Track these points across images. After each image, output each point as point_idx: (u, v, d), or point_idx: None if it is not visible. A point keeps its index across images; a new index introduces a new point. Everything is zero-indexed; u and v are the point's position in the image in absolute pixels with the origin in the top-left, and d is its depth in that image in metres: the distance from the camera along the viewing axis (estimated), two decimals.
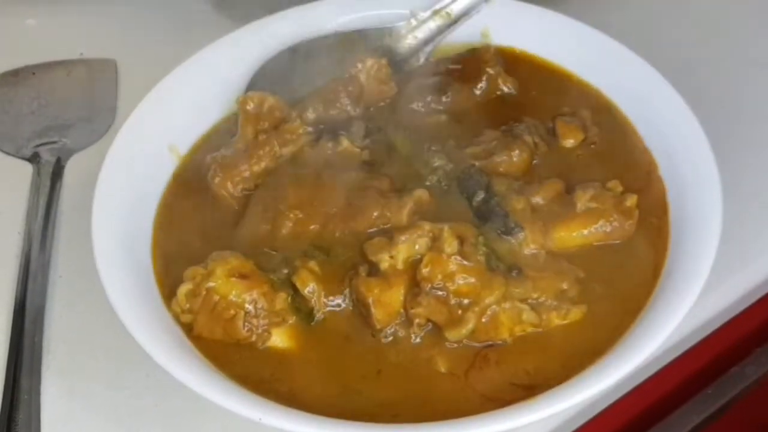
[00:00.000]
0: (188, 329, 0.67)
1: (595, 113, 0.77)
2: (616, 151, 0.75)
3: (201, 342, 0.66)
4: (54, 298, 0.74)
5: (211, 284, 0.66)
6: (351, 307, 0.67)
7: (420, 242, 0.67)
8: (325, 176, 0.72)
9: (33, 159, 0.83)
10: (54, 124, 0.86)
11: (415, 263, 0.66)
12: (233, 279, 0.66)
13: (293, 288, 0.67)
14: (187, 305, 0.67)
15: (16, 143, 0.84)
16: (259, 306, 0.66)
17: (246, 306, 0.66)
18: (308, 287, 0.67)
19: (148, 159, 0.75)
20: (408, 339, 0.66)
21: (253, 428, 0.61)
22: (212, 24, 0.91)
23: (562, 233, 0.69)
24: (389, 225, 0.69)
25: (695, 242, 0.67)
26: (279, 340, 0.67)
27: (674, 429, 0.70)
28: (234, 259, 0.67)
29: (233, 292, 0.66)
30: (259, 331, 0.66)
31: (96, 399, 0.69)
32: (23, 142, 0.84)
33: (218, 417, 0.64)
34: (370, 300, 0.65)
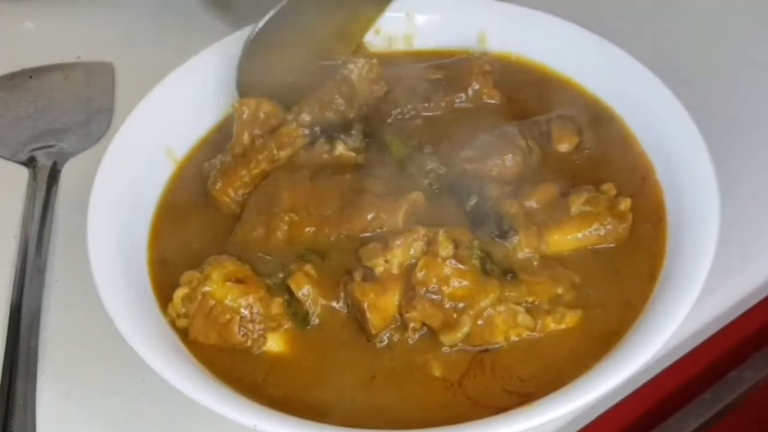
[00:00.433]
0: (184, 334, 0.67)
1: (591, 116, 0.77)
2: (612, 155, 0.75)
3: (196, 347, 0.66)
4: (50, 302, 0.74)
5: (207, 289, 0.66)
6: (346, 312, 0.67)
7: (415, 246, 0.66)
8: (320, 179, 0.72)
9: (29, 163, 0.83)
10: (50, 128, 0.86)
11: (411, 267, 0.66)
12: (229, 283, 0.66)
13: (289, 292, 0.67)
14: (183, 309, 0.67)
15: (13, 147, 0.84)
16: (255, 311, 0.66)
17: (242, 311, 0.66)
18: (303, 290, 0.67)
19: (145, 163, 0.75)
20: (403, 344, 0.66)
21: None
22: (209, 27, 0.91)
23: (557, 237, 0.69)
24: (384, 228, 0.69)
25: (693, 246, 0.67)
26: (274, 345, 0.67)
27: None
28: (230, 264, 0.67)
29: (229, 297, 0.66)
30: (255, 336, 0.66)
31: (92, 403, 0.69)
32: (19, 146, 0.84)
33: (214, 422, 0.64)
34: (366, 305, 0.65)
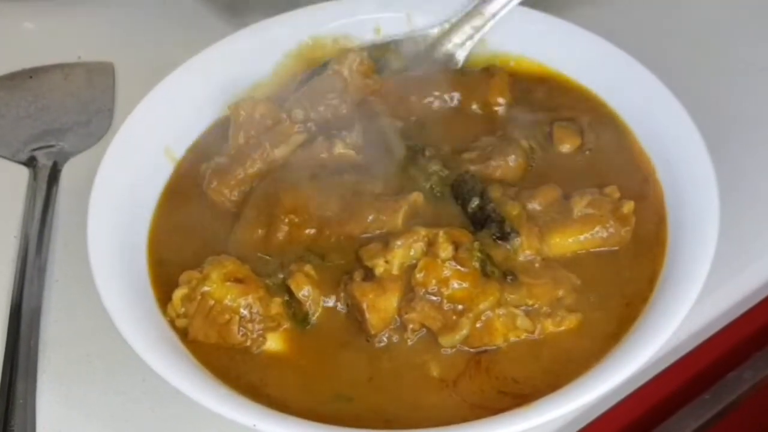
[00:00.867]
0: (183, 334, 0.67)
1: (593, 118, 0.77)
2: (614, 156, 0.75)
3: (196, 346, 0.66)
4: (50, 302, 0.74)
5: (207, 288, 0.66)
6: (345, 312, 0.67)
7: (415, 247, 0.66)
8: (320, 179, 0.72)
9: (29, 163, 0.83)
10: (51, 128, 0.85)
11: (411, 269, 0.66)
12: (228, 283, 0.66)
13: (288, 292, 0.67)
14: (183, 309, 0.67)
15: (13, 147, 0.84)
16: (254, 310, 0.66)
17: (241, 310, 0.66)
18: (303, 290, 0.67)
19: (145, 163, 0.75)
20: (401, 344, 0.66)
21: None
22: (209, 27, 0.90)
23: (558, 239, 0.69)
24: (384, 229, 0.69)
25: (692, 247, 0.67)
26: (274, 345, 0.67)
27: None
28: (230, 264, 0.67)
29: (228, 297, 0.66)
30: (254, 336, 0.66)
31: (92, 403, 0.69)
32: (20, 146, 0.84)
33: (214, 422, 0.64)
34: (365, 305, 0.65)
